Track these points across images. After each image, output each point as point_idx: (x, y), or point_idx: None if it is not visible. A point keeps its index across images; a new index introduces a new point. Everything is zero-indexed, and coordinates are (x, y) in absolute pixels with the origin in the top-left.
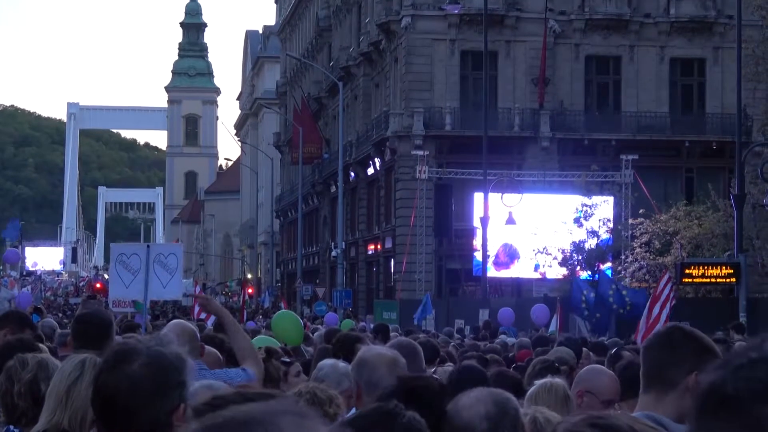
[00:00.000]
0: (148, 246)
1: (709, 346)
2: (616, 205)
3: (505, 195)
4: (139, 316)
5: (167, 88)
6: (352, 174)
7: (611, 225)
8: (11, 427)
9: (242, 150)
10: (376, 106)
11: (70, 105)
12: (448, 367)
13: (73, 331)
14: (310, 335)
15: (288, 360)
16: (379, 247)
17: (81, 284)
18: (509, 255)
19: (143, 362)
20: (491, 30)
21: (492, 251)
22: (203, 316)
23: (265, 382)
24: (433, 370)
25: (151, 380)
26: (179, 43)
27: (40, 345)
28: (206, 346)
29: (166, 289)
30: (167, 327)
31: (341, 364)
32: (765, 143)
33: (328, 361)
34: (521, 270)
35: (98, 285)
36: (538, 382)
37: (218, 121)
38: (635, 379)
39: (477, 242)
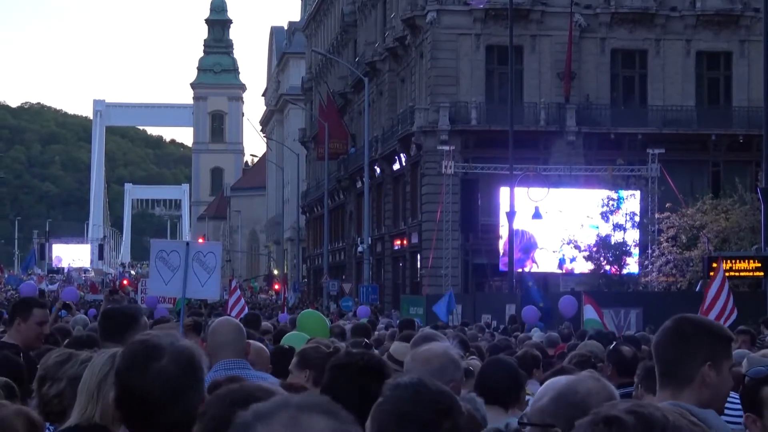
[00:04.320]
0: (187, 243)
1: (721, 334)
2: (643, 199)
3: (532, 189)
4: (162, 308)
5: (193, 85)
6: (378, 169)
7: (638, 219)
8: (48, 424)
9: (268, 146)
10: (402, 101)
11: (96, 102)
12: (472, 359)
13: (99, 325)
14: (345, 328)
15: None
16: (405, 242)
17: (103, 280)
18: (524, 248)
19: (171, 358)
20: (517, 24)
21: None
22: (234, 313)
23: None
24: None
25: (182, 375)
26: (204, 40)
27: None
28: (254, 342)
29: (204, 288)
30: (215, 323)
31: None
32: None
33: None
34: (546, 264)
35: (125, 282)
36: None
37: (244, 118)
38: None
39: (503, 231)
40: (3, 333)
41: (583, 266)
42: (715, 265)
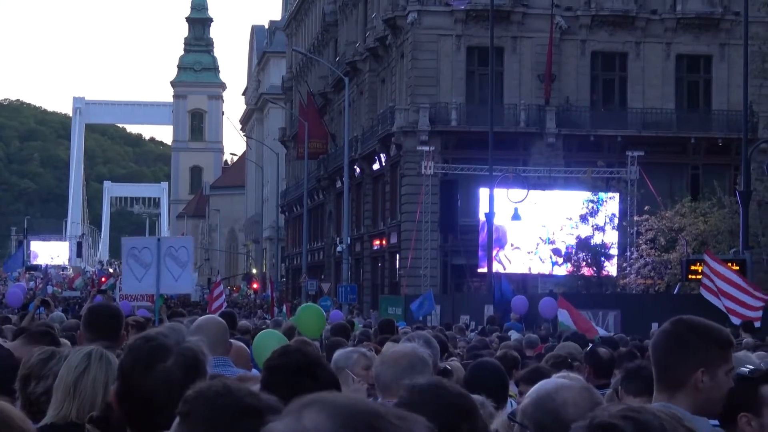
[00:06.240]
0: (158, 239)
1: (718, 338)
2: (622, 201)
3: (511, 191)
4: (144, 310)
5: (173, 83)
6: (358, 169)
7: (617, 221)
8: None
9: (247, 145)
10: (382, 101)
11: (75, 99)
12: (452, 360)
13: (85, 322)
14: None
15: None
16: (384, 242)
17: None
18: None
19: (176, 360)
20: (497, 26)
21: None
22: (214, 307)
23: None
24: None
25: (186, 377)
26: (185, 38)
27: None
28: (234, 341)
29: (178, 283)
30: (200, 321)
31: (352, 351)
32: None
33: (342, 351)
34: (523, 265)
35: (103, 279)
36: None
37: (224, 116)
38: (648, 377)
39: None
40: None
41: (561, 268)
42: (695, 267)
